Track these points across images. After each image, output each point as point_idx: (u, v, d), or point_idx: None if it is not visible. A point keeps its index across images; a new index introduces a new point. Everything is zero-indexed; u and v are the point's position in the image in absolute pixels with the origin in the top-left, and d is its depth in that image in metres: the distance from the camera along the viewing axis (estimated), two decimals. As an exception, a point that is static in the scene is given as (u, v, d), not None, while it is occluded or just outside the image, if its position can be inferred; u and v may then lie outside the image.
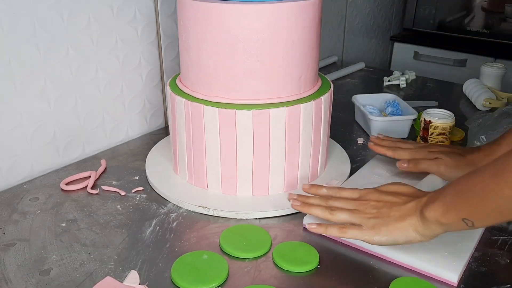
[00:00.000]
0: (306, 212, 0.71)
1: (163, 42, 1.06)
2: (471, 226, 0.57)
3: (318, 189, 0.74)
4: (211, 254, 0.67)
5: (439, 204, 0.60)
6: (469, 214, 0.57)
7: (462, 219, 0.58)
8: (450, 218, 0.59)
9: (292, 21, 0.75)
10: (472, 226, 0.58)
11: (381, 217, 0.65)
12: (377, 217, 0.65)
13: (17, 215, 0.77)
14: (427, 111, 1.00)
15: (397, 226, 0.64)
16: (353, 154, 0.98)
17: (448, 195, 0.60)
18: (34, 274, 0.64)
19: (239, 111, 0.76)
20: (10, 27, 0.79)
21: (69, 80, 0.90)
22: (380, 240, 0.65)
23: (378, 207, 0.66)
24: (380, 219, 0.65)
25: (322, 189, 0.74)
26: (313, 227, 0.69)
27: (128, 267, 0.66)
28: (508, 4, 1.80)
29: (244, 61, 0.75)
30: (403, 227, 0.63)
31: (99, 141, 0.99)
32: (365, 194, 0.69)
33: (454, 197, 0.59)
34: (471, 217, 0.57)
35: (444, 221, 0.60)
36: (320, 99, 0.81)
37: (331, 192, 0.73)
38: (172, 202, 0.81)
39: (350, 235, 0.66)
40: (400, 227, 0.63)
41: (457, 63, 1.86)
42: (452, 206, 0.59)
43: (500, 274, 0.65)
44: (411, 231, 0.63)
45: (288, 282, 0.64)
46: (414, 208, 0.63)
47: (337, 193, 0.72)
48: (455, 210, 0.58)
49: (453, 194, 0.59)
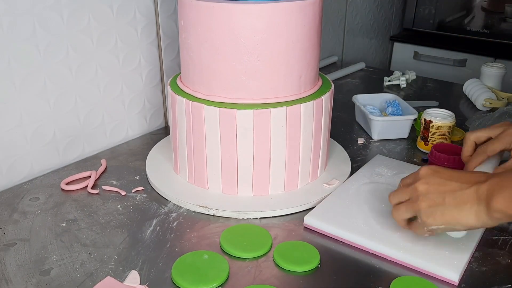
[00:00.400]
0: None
1: (163, 42, 1.05)
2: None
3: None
4: (211, 254, 0.67)
5: (506, 194, 0.56)
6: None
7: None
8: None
9: (292, 20, 0.75)
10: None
11: (435, 206, 0.61)
12: (430, 207, 0.62)
13: (18, 215, 0.76)
14: (427, 111, 1.00)
15: (454, 214, 0.60)
16: (354, 154, 0.98)
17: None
18: (34, 274, 0.64)
19: (240, 111, 0.76)
20: (10, 27, 0.79)
21: (69, 80, 0.90)
22: (436, 230, 0.63)
23: (431, 196, 0.62)
24: (433, 209, 0.62)
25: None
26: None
27: (129, 267, 0.65)
28: (508, 4, 1.80)
29: (245, 61, 0.75)
30: (462, 216, 0.60)
31: (99, 141, 0.99)
32: (415, 176, 0.66)
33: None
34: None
35: (511, 212, 0.56)
36: (320, 99, 0.81)
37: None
38: (173, 202, 0.81)
39: (414, 230, 0.65)
40: (458, 216, 0.60)
41: (457, 63, 1.86)
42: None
43: (501, 274, 0.65)
44: (472, 219, 0.59)
45: (289, 282, 0.64)
46: (472, 196, 0.59)
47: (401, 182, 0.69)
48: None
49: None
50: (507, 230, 0.74)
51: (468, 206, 0.60)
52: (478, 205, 0.59)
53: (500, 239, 0.72)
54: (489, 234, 0.73)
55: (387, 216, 0.74)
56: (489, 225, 0.60)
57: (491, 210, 0.58)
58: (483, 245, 0.71)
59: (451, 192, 0.61)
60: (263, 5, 0.73)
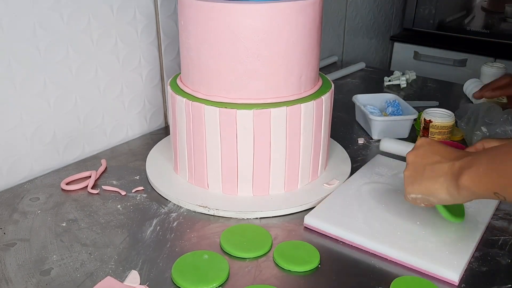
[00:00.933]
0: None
1: (163, 42, 1.05)
2: (503, 200, 0.57)
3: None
4: (211, 254, 0.67)
5: (473, 172, 0.59)
6: (501, 189, 0.56)
7: (494, 193, 0.57)
8: (482, 189, 0.58)
9: (292, 20, 0.75)
10: (504, 200, 0.57)
11: (415, 175, 0.66)
12: (411, 176, 0.66)
13: (18, 215, 0.76)
14: (427, 111, 1.00)
15: (428, 186, 0.64)
16: (354, 154, 0.98)
17: (482, 164, 0.59)
18: (34, 274, 0.64)
19: (240, 111, 0.76)
20: (10, 27, 0.79)
21: (69, 80, 0.90)
22: (415, 199, 0.66)
23: (415, 165, 0.66)
24: (413, 178, 0.66)
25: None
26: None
27: (129, 267, 0.65)
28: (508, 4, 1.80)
29: (245, 61, 0.75)
30: (436, 188, 0.63)
31: (99, 141, 0.99)
32: (415, 146, 0.70)
33: (488, 168, 0.58)
34: (503, 192, 0.56)
35: (476, 191, 0.59)
36: (320, 99, 0.81)
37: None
38: (173, 202, 0.81)
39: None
40: (432, 188, 0.63)
41: (457, 63, 1.86)
42: (485, 178, 0.58)
43: (501, 274, 0.65)
44: (443, 192, 0.63)
45: (289, 282, 0.64)
46: (446, 171, 0.62)
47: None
48: (489, 183, 0.57)
49: (488, 165, 0.58)
50: (507, 230, 0.74)
51: (441, 180, 0.63)
52: (450, 180, 0.62)
53: (500, 239, 0.72)
54: (489, 234, 0.73)
55: (387, 216, 0.74)
56: (460, 201, 0.62)
57: (459, 187, 0.60)
58: (483, 245, 0.71)
59: (431, 164, 0.65)
60: (263, 5, 0.73)
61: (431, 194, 0.64)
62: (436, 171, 0.64)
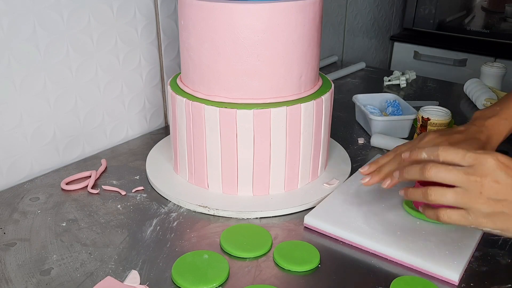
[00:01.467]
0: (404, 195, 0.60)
1: (163, 42, 1.05)
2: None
3: (418, 153, 0.59)
4: (211, 254, 0.67)
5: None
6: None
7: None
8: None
9: (292, 20, 0.75)
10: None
11: (503, 209, 0.52)
12: (496, 208, 0.52)
13: (18, 214, 0.76)
14: (424, 109, 1.01)
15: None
16: (354, 154, 0.98)
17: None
18: (34, 274, 0.64)
19: (240, 111, 0.76)
20: (10, 27, 0.79)
21: (69, 80, 0.90)
22: (493, 231, 0.54)
23: (500, 193, 0.51)
24: (501, 211, 0.52)
25: (421, 153, 0.59)
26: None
27: (129, 267, 0.66)
28: (508, 4, 1.80)
29: (245, 61, 0.75)
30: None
31: (99, 141, 0.99)
32: (480, 164, 0.53)
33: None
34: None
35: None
36: (320, 99, 0.81)
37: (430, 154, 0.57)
38: (173, 202, 0.81)
39: (451, 220, 0.54)
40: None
41: (457, 63, 1.86)
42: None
43: (501, 274, 0.65)
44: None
45: (289, 282, 0.64)
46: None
47: (438, 156, 0.55)
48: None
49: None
50: (507, 230, 0.74)
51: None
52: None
53: (500, 239, 0.72)
54: (489, 234, 0.73)
55: (387, 216, 0.74)
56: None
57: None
58: (483, 245, 0.71)
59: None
60: (263, 5, 0.73)
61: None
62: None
